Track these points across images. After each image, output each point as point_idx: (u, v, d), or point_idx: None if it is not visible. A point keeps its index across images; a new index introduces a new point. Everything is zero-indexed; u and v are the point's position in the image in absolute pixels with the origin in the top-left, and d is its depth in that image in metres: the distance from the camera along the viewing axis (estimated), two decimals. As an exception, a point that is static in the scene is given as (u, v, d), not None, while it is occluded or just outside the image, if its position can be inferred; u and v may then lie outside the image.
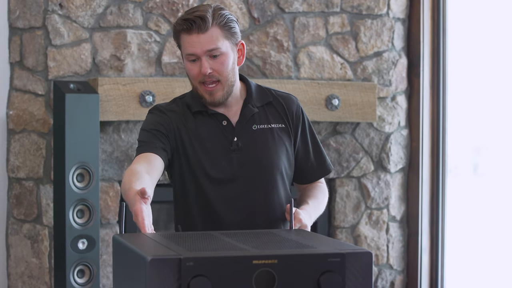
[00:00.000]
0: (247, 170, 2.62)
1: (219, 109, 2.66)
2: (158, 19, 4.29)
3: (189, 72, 2.61)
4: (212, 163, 2.62)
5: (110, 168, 4.22)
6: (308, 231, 2.35)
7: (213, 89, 2.58)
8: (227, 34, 2.57)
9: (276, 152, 2.65)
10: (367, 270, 1.89)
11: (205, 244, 2.01)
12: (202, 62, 2.55)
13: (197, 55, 2.55)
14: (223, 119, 2.65)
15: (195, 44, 2.54)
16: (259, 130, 2.66)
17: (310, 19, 4.57)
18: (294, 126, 2.72)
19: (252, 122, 2.66)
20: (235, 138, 2.63)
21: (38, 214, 4.15)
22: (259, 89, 2.72)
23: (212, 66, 2.56)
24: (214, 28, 2.54)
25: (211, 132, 2.65)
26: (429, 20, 4.74)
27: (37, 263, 4.15)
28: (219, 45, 2.55)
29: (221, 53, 2.56)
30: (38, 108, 4.13)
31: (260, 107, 2.68)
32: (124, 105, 4.12)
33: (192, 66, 2.58)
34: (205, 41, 2.54)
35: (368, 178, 4.68)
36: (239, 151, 2.63)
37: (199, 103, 2.67)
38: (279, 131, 2.68)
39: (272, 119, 2.68)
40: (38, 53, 4.13)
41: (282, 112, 2.70)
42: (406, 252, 4.81)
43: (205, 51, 2.54)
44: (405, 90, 4.78)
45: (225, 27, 2.57)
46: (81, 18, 4.17)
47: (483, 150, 5.00)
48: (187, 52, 2.57)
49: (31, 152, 4.14)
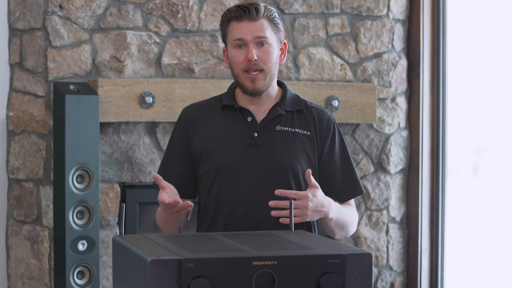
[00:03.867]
0: (260, 167, 2.62)
1: (247, 106, 2.68)
2: (158, 20, 4.29)
3: (233, 59, 2.64)
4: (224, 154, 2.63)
5: (110, 169, 4.22)
6: (307, 232, 2.35)
7: (257, 76, 2.62)
8: (274, 28, 2.64)
9: (294, 155, 2.64)
10: (367, 271, 1.89)
11: (205, 245, 2.01)
12: (249, 48, 2.60)
13: (245, 40, 2.60)
14: (248, 115, 2.67)
15: (245, 31, 2.60)
16: (282, 131, 2.66)
17: (310, 20, 4.57)
18: (322, 137, 2.70)
19: (277, 123, 2.67)
20: (255, 133, 2.64)
21: (38, 215, 4.15)
22: (295, 97, 2.75)
23: (258, 54, 2.60)
24: (263, 19, 2.62)
25: (233, 126, 2.67)
26: (429, 21, 4.74)
27: (37, 264, 4.15)
28: (267, 34, 2.62)
29: (268, 44, 2.62)
30: (38, 109, 4.14)
31: (289, 111, 2.69)
32: (124, 106, 4.13)
33: (238, 53, 2.62)
34: (255, 28, 2.60)
35: (368, 179, 4.68)
36: (256, 147, 2.63)
37: (230, 98, 2.71)
38: (303, 137, 2.67)
39: (298, 124, 2.69)
40: (38, 54, 4.13)
41: (311, 121, 2.70)
42: (406, 253, 4.81)
43: (254, 37, 2.60)
44: (405, 91, 4.78)
45: (273, 21, 2.64)
46: (81, 19, 4.17)
47: (484, 151, 5.01)
48: (235, 38, 2.61)
49: (31, 153, 4.14)
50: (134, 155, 4.25)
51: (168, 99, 4.19)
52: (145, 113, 4.16)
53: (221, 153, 2.64)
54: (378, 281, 4.74)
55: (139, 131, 4.27)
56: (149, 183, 4.28)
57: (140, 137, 4.27)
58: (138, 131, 4.27)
